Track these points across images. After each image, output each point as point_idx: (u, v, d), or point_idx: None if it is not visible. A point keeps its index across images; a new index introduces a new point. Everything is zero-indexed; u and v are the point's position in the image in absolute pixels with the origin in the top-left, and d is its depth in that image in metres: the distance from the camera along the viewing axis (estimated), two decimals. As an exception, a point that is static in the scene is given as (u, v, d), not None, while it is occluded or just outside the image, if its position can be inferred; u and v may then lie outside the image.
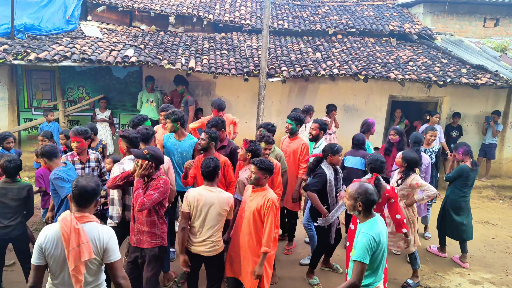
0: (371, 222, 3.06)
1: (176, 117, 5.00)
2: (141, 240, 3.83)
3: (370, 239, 2.95)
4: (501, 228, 7.39)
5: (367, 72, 8.58)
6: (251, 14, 11.13)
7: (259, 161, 3.85)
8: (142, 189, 3.69)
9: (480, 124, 9.86)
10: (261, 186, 3.89)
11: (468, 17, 11.63)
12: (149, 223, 3.79)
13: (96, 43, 8.58)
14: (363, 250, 2.93)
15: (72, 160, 4.62)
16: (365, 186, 3.10)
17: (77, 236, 2.57)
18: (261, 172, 3.82)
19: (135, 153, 3.74)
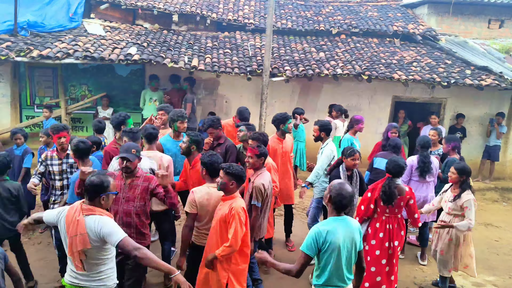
0: (331, 220, 3.04)
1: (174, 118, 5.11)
2: None
3: (317, 232, 2.95)
4: (504, 230, 7.34)
5: (370, 72, 8.53)
6: (254, 13, 11.11)
7: (227, 165, 3.60)
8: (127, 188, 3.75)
9: (484, 125, 9.80)
10: (229, 194, 3.61)
11: (473, 18, 11.57)
12: (138, 224, 3.78)
13: (99, 41, 8.56)
14: (308, 241, 2.98)
15: (51, 155, 4.60)
16: (342, 186, 3.02)
17: (75, 227, 2.84)
18: (228, 178, 3.54)
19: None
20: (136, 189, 3.74)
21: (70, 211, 2.92)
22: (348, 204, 3.00)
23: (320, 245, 2.95)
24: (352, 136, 6.30)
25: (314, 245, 2.95)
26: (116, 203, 3.74)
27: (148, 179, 3.79)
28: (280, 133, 5.53)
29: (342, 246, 2.98)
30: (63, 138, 4.57)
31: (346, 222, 3.05)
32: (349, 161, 4.79)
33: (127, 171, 3.73)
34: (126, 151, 3.72)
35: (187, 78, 8.67)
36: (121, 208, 3.74)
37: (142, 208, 3.79)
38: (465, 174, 4.79)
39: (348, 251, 3.03)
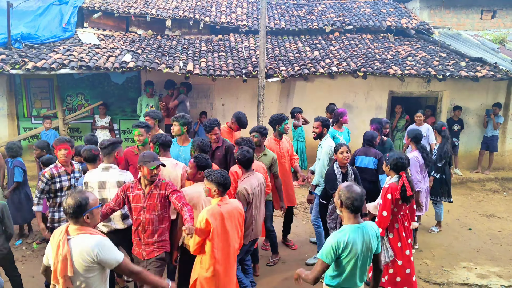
0: (350, 229, 2.99)
1: (185, 121, 5.01)
2: (150, 251, 3.79)
3: (337, 242, 2.93)
4: (506, 220, 7.35)
5: (366, 68, 8.55)
6: (247, 15, 11.12)
7: (210, 173, 3.56)
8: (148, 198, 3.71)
9: (481, 117, 9.82)
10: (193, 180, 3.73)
11: (465, 10, 11.60)
12: (159, 231, 3.77)
13: (93, 50, 8.56)
14: (327, 250, 2.96)
15: (57, 172, 4.51)
16: (350, 188, 2.99)
17: (60, 250, 2.67)
18: (211, 185, 3.53)
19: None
20: (155, 197, 3.71)
21: (55, 233, 2.77)
22: (361, 204, 2.99)
23: (339, 253, 2.96)
24: (337, 129, 6.29)
25: (332, 254, 2.95)
26: (137, 214, 3.74)
27: (165, 186, 3.74)
28: (277, 134, 5.57)
29: (360, 253, 3.00)
30: (63, 150, 4.50)
31: (364, 229, 3.03)
32: (338, 155, 4.77)
33: (154, 179, 3.70)
34: (154, 159, 3.69)
35: (184, 83, 8.69)
36: (143, 218, 3.73)
37: (163, 215, 3.78)
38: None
39: (364, 257, 3.05)
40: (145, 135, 4.95)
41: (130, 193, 3.78)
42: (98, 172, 4.16)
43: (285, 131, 5.57)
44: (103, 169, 4.16)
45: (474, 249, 6.12)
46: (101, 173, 4.14)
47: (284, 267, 5.45)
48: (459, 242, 6.34)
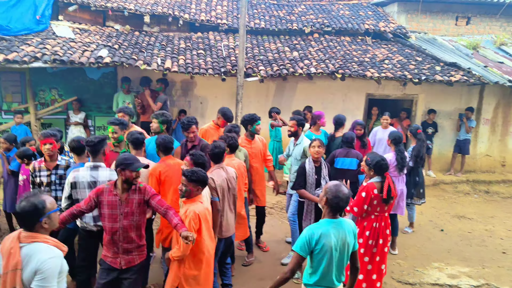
0: (325, 223, 3.04)
1: (164, 119, 5.02)
2: (129, 260, 3.58)
3: (310, 234, 2.98)
4: (476, 222, 7.55)
5: (344, 70, 8.63)
6: (227, 14, 11.06)
7: (190, 172, 3.48)
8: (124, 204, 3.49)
9: (455, 120, 10.07)
10: (191, 198, 3.55)
11: (441, 15, 11.85)
12: (138, 237, 3.60)
13: (68, 44, 8.34)
14: (301, 242, 2.99)
15: (38, 167, 4.42)
16: (339, 188, 3.03)
17: (11, 260, 2.42)
18: (193, 184, 3.48)
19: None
20: (133, 203, 3.49)
21: (6, 240, 2.48)
22: (345, 206, 3.03)
23: (313, 246, 2.97)
24: (314, 132, 6.38)
25: (306, 246, 2.98)
26: (113, 221, 3.47)
27: (143, 191, 3.54)
28: (248, 134, 5.54)
29: (334, 248, 3.00)
30: (48, 144, 4.37)
31: (340, 225, 3.06)
32: (310, 150, 4.86)
33: (135, 184, 3.50)
34: (137, 161, 3.49)
35: (161, 79, 8.52)
36: (120, 224, 3.48)
37: (142, 220, 3.59)
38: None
39: (340, 253, 3.05)
40: (120, 133, 4.84)
41: (104, 198, 3.47)
42: (86, 171, 3.92)
43: (257, 132, 5.54)
44: (91, 168, 3.94)
45: (446, 250, 6.25)
46: (90, 172, 3.92)
47: (259, 266, 5.43)
48: (432, 243, 6.47)
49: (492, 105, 10.19)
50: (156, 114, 5.05)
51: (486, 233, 7.01)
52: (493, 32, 12.06)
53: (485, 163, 10.49)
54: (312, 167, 4.86)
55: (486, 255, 6.16)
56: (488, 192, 9.36)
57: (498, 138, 10.43)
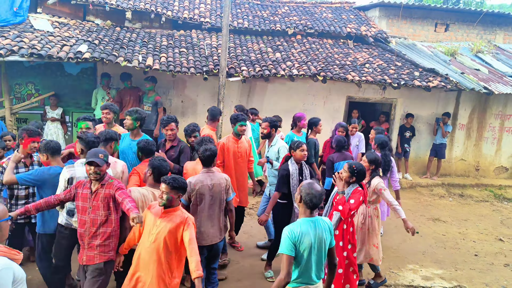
0: (303, 222, 3.10)
1: (138, 116, 4.98)
2: (90, 257, 3.59)
3: (291, 232, 3.02)
4: (450, 224, 7.74)
5: (325, 73, 8.70)
6: (210, 12, 11.00)
7: (171, 179, 3.39)
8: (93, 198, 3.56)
9: (432, 125, 10.29)
10: (173, 207, 3.47)
11: (421, 22, 12.09)
12: (104, 235, 3.57)
13: (46, 37, 8.15)
14: (286, 243, 3.01)
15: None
16: (312, 185, 3.10)
17: None
18: (174, 192, 3.40)
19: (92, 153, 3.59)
20: (99, 197, 3.56)
21: None
22: (318, 203, 3.09)
23: (296, 243, 3.01)
24: (296, 133, 6.40)
25: (292, 244, 3.00)
26: (83, 213, 3.60)
27: (111, 185, 3.59)
28: (235, 133, 5.53)
29: (313, 247, 3.06)
30: (36, 143, 4.38)
31: (317, 223, 3.12)
32: (298, 152, 4.85)
33: (96, 178, 3.54)
34: (93, 156, 3.53)
35: (150, 77, 8.25)
36: (88, 218, 3.58)
37: (108, 216, 3.58)
38: (374, 164, 4.94)
39: (318, 251, 3.12)
40: (93, 129, 4.85)
41: (80, 190, 3.63)
42: (82, 167, 3.92)
43: (239, 132, 5.49)
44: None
45: (420, 252, 6.39)
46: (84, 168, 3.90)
47: (237, 268, 5.44)
48: (407, 245, 6.59)
49: (468, 111, 10.46)
50: (130, 111, 5.02)
51: (460, 236, 7.19)
52: (470, 40, 12.38)
53: (460, 167, 10.76)
54: (295, 169, 4.89)
55: (459, 257, 6.32)
56: (462, 196, 9.60)
57: (473, 143, 10.72)
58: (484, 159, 10.84)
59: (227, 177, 4.39)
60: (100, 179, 3.58)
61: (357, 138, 7.39)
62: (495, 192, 9.91)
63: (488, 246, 6.83)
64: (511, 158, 10.93)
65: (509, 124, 10.71)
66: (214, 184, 4.21)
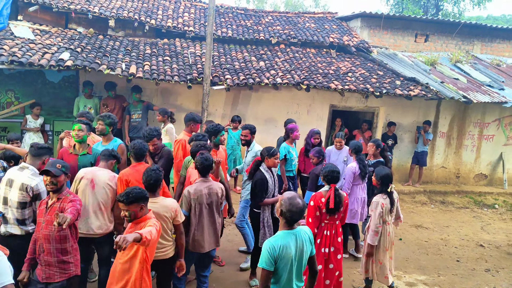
0: (283, 235, 3.06)
1: (111, 121, 5.07)
2: (50, 274, 3.45)
3: (270, 247, 2.98)
4: (432, 231, 7.84)
5: (309, 82, 8.79)
6: (194, 21, 11.02)
7: (124, 195, 3.26)
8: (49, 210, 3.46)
9: (413, 133, 10.46)
10: (141, 218, 3.35)
11: (402, 32, 12.34)
12: (60, 251, 3.45)
13: (27, 45, 8.03)
14: (264, 258, 2.98)
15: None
16: (293, 201, 3.04)
17: None
18: (134, 206, 3.28)
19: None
20: (54, 211, 3.41)
21: None
22: (298, 218, 3.06)
23: (276, 258, 2.98)
24: (289, 145, 6.46)
25: (271, 259, 2.97)
26: (37, 228, 3.49)
27: (65, 199, 3.48)
28: (213, 145, 5.41)
29: (294, 259, 3.05)
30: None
31: (298, 235, 3.10)
32: (272, 160, 4.84)
33: (52, 188, 3.43)
34: (51, 166, 3.46)
35: (134, 87, 8.22)
36: (41, 233, 3.44)
37: (63, 232, 3.42)
38: (381, 179, 4.83)
39: (299, 262, 3.11)
40: (85, 132, 4.80)
41: (39, 207, 3.54)
42: (14, 169, 3.92)
43: (221, 142, 5.50)
44: (19, 168, 3.90)
45: (404, 258, 6.44)
46: (16, 171, 3.88)
47: (221, 276, 5.39)
48: (390, 252, 6.64)
49: (448, 119, 10.69)
50: (103, 116, 5.09)
51: (442, 242, 7.29)
52: (449, 50, 12.69)
53: (441, 175, 10.95)
54: (270, 176, 4.89)
55: (441, 263, 6.40)
56: (443, 203, 9.76)
57: (453, 151, 10.93)
58: (464, 166, 11.05)
59: (222, 187, 4.42)
60: (57, 190, 3.47)
61: (344, 153, 6.82)
62: (475, 199, 10.10)
63: (470, 252, 6.94)
64: (490, 166, 11.18)
65: (487, 132, 10.98)
66: (211, 193, 4.22)
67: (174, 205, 3.84)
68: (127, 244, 2.85)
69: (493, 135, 11.03)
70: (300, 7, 27.03)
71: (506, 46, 13.26)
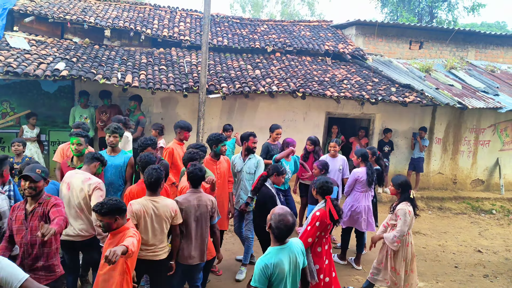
0: (275, 251, 3.03)
1: (122, 132, 5.20)
2: (36, 279, 3.34)
3: (264, 266, 2.95)
4: (430, 237, 7.82)
5: (304, 89, 8.81)
6: (190, 30, 11.07)
7: (99, 206, 3.23)
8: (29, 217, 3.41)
9: (409, 139, 10.49)
10: (118, 227, 3.31)
11: (396, 39, 12.44)
12: (46, 256, 3.43)
13: (22, 55, 8.04)
14: (258, 276, 2.96)
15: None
16: (283, 218, 3.00)
17: None
18: (108, 217, 3.24)
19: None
20: (37, 216, 3.40)
21: None
22: (287, 235, 3.04)
23: (269, 276, 2.96)
24: (285, 159, 6.31)
25: (265, 278, 2.95)
26: (19, 235, 3.42)
27: (46, 203, 3.45)
28: (213, 154, 5.34)
29: (288, 274, 3.03)
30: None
31: (290, 249, 3.08)
32: (279, 179, 4.89)
33: (30, 193, 3.38)
34: (30, 170, 3.41)
35: (134, 96, 8.26)
36: (25, 240, 3.39)
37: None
38: (401, 187, 4.76)
39: (293, 276, 3.10)
40: (84, 145, 4.80)
41: (14, 213, 3.46)
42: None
43: (222, 152, 5.38)
44: None
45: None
46: None
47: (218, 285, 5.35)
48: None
49: (444, 125, 10.73)
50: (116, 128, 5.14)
51: (440, 248, 7.27)
52: (444, 57, 12.78)
53: (438, 181, 10.96)
54: (276, 192, 4.88)
55: (439, 269, 6.38)
56: (441, 209, 9.75)
57: (449, 157, 10.95)
58: (461, 172, 11.07)
59: (213, 199, 4.30)
60: (36, 195, 3.43)
61: (340, 161, 6.66)
62: (472, 204, 10.10)
63: (468, 258, 6.92)
64: (486, 171, 11.21)
65: (483, 138, 11.02)
66: (200, 204, 4.13)
67: (174, 206, 3.91)
68: (117, 258, 2.82)
69: (489, 141, 11.07)
70: (296, 16, 27.18)
71: (500, 52, 13.38)
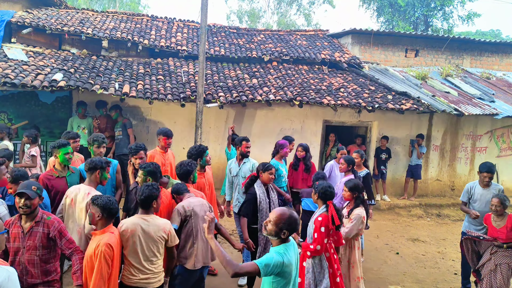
0: (287, 247, 3.02)
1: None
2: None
3: (280, 262, 2.89)
4: (429, 244, 7.80)
5: (301, 98, 8.85)
6: (187, 40, 11.14)
7: (96, 196, 3.40)
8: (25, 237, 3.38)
9: (407, 146, 10.51)
10: (100, 228, 3.38)
11: (392, 48, 12.54)
12: (45, 273, 3.42)
13: (20, 66, 8.07)
14: (267, 262, 2.87)
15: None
16: (292, 215, 3.02)
17: None
18: (95, 209, 3.33)
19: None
20: (36, 236, 3.36)
21: None
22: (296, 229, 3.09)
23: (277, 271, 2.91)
24: (278, 161, 6.32)
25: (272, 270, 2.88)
26: (15, 254, 3.37)
27: (48, 225, 3.41)
28: (200, 167, 5.21)
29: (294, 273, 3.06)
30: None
31: (294, 246, 3.11)
32: (266, 175, 4.88)
33: (25, 212, 3.33)
34: (25, 187, 3.36)
35: (114, 105, 8.32)
36: (23, 259, 3.36)
37: (48, 255, 3.44)
38: (356, 191, 4.74)
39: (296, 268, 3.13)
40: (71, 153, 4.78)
41: (10, 230, 3.39)
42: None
43: (207, 163, 5.35)
44: None
45: (401, 272, 6.39)
46: None
47: None
48: (388, 266, 6.59)
49: (441, 132, 10.76)
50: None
51: (439, 255, 7.25)
52: (440, 64, 12.88)
53: (436, 187, 10.96)
54: (263, 192, 4.88)
55: (439, 276, 6.35)
56: (439, 215, 9.74)
57: (447, 164, 10.97)
58: (458, 178, 11.08)
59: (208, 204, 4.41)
60: (31, 213, 3.38)
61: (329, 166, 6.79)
62: (471, 211, 10.08)
63: (467, 264, 6.89)
64: (484, 177, 11.20)
65: (480, 144, 11.06)
66: (202, 204, 4.23)
67: (167, 226, 3.69)
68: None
69: (486, 147, 11.11)
70: (292, 26, 27.36)
71: (495, 60, 13.49)
